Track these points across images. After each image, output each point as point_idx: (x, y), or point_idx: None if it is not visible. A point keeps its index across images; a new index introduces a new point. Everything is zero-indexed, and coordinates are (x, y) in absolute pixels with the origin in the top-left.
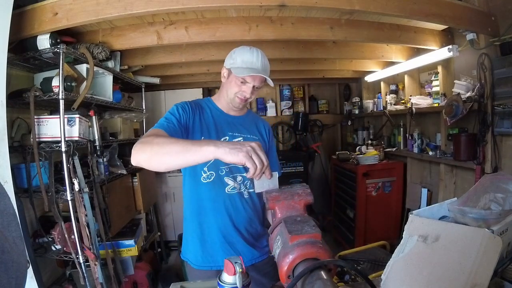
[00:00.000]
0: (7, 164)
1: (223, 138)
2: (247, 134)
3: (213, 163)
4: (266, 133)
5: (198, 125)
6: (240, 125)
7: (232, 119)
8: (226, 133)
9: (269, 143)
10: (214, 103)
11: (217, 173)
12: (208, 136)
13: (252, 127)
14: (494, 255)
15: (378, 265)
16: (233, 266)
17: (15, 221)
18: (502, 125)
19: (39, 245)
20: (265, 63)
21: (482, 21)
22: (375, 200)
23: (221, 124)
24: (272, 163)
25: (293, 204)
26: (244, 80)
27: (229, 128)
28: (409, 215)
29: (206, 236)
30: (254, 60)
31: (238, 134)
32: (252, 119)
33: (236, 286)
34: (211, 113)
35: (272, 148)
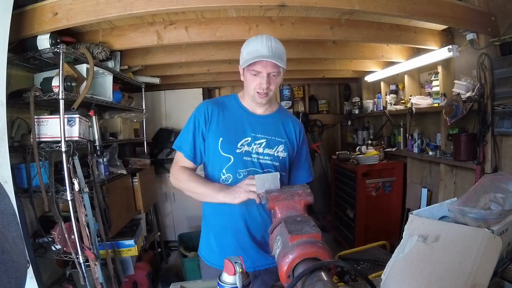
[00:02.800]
0: (7, 164)
1: (244, 139)
2: (271, 136)
3: (232, 165)
4: (296, 135)
5: (214, 129)
6: (265, 126)
7: (257, 119)
8: (247, 134)
9: (298, 145)
10: (240, 101)
11: (235, 176)
12: (227, 137)
13: (279, 128)
14: (494, 255)
15: (378, 265)
16: (233, 266)
17: (15, 221)
18: (502, 125)
19: (39, 245)
20: (273, 45)
21: (482, 21)
22: (375, 200)
23: (243, 124)
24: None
25: (293, 204)
26: (255, 70)
27: (252, 129)
28: (409, 215)
29: (222, 237)
30: (259, 47)
31: (262, 136)
32: (280, 119)
33: (236, 286)
34: (234, 113)
35: (302, 150)
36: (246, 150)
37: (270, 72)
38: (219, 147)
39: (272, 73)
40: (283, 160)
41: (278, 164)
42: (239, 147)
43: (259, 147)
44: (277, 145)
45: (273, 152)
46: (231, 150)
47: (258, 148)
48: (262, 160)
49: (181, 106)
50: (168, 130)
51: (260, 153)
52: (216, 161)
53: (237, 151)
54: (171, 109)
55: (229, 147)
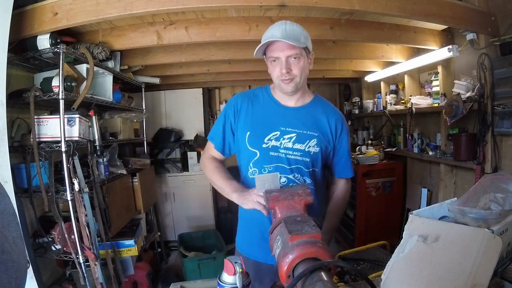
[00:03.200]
0: (7, 164)
1: (273, 133)
2: (303, 130)
3: (257, 160)
4: (333, 129)
5: (243, 122)
6: (296, 119)
7: (288, 112)
8: (277, 128)
9: (335, 139)
10: (271, 92)
11: (260, 171)
12: (254, 130)
13: (311, 120)
14: (494, 255)
15: (378, 265)
16: (233, 266)
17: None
18: (502, 125)
19: (39, 245)
20: (287, 28)
21: (482, 21)
22: (375, 200)
23: (273, 117)
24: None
25: (293, 204)
26: (272, 57)
27: (282, 122)
28: (409, 215)
29: (249, 229)
30: (273, 32)
31: (291, 130)
32: (314, 111)
33: (236, 286)
34: (264, 105)
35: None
36: (273, 145)
37: (289, 56)
38: (246, 141)
39: (292, 56)
40: (315, 155)
41: (308, 160)
42: (266, 141)
43: (288, 142)
44: (309, 140)
45: (303, 147)
46: (258, 145)
47: (287, 143)
48: (290, 156)
49: (181, 106)
50: (168, 130)
51: (289, 148)
52: (244, 154)
53: (263, 146)
54: (171, 109)
55: (256, 142)
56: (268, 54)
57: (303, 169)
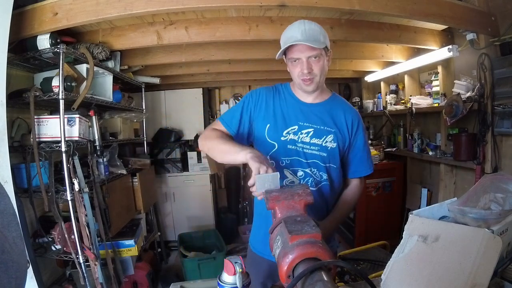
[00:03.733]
0: (7, 164)
1: (291, 127)
2: (320, 125)
3: (275, 152)
4: (349, 125)
5: (264, 114)
6: (314, 115)
7: (306, 107)
8: (295, 122)
9: (352, 136)
10: (291, 89)
11: (278, 164)
12: (274, 123)
13: (330, 117)
14: (494, 255)
15: (378, 265)
16: (233, 266)
17: (15, 221)
18: (502, 125)
19: (39, 245)
20: (306, 28)
21: (482, 21)
22: (375, 200)
23: (292, 112)
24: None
25: (293, 204)
26: (293, 58)
27: (300, 118)
28: (409, 215)
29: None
30: (293, 33)
31: (309, 125)
32: (331, 107)
33: (236, 286)
34: (284, 100)
35: (357, 141)
36: (291, 139)
37: (309, 56)
38: (266, 133)
39: (312, 56)
40: (332, 151)
41: (325, 155)
42: (284, 134)
43: (305, 137)
44: (326, 135)
45: (320, 142)
46: (276, 137)
47: (305, 138)
48: (307, 150)
49: (181, 106)
50: (168, 130)
51: (306, 143)
52: (263, 146)
53: (282, 138)
54: (171, 109)
55: (275, 134)
56: (289, 55)
57: (319, 163)
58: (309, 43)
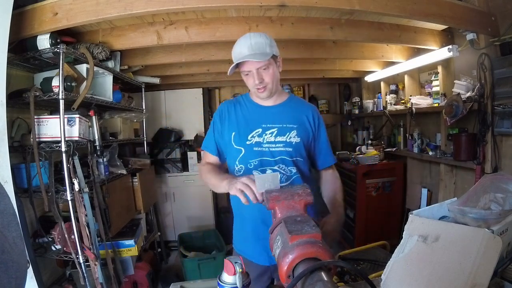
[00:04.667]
0: (7, 164)
1: (255, 130)
2: (282, 124)
3: (243, 157)
4: (310, 120)
5: (228, 125)
6: (276, 115)
7: (267, 110)
8: (258, 125)
9: (314, 129)
10: (250, 97)
11: (246, 167)
12: (238, 130)
13: (290, 115)
14: (494, 255)
15: (378, 265)
16: (233, 266)
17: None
18: (502, 125)
19: (39, 245)
20: (253, 42)
21: (482, 21)
22: (375, 200)
23: (254, 116)
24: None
25: (293, 204)
26: (245, 71)
27: (263, 120)
28: (409, 215)
29: (245, 228)
30: (241, 49)
31: (271, 125)
32: (291, 106)
33: (236, 286)
34: (246, 108)
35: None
36: (256, 141)
37: (258, 68)
38: (232, 141)
39: (261, 67)
40: (297, 145)
41: (291, 150)
42: (249, 139)
43: (270, 136)
44: (289, 132)
45: (285, 139)
46: (242, 143)
47: (270, 138)
48: (273, 148)
49: (181, 106)
50: (168, 130)
51: (271, 142)
52: (231, 153)
53: (247, 143)
54: (171, 109)
55: (240, 140)
56: (241, 69)
57: (286, 159)
58: (254, 58)
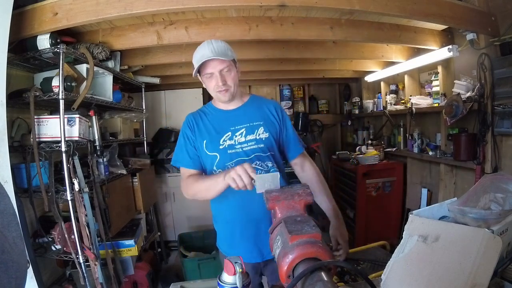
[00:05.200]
0: (7, 164)
1: (225, 134)
2: (248, 123)
3: (219, 161)
4: (274, 114)
5: (199, 135)
6: (241, 116)
7: (231, 113)
8: (227, 129)
9: (280, 122)
10: (213, 105)
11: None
12: (209, 137)
13: (254, 113)
14: (494, 255)
15: (378, 265)
16: (233, 266)
17: (15, 221)
18: (502, 125)
19: (39, 245)
20: (214, 46)
21: (482, 21)
22: (375, 200)
23: (221, 122)
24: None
25: (293, 204)
26: (207, 73)
27: (229, 123)
28: (409, 215)
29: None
30: (203, 52)
31: (240, 126)
32: (254, 105)
33: (236, 286)
34: (211, 116)
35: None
36: (229, 144)
37: (221, 69)
38: (205, 149)
39: (223, 69)
40: (267, 140)
41: (263, 146)
42: (221, 143)
43: (241, 137)
44: (257, 129)
45: (255, 136)
46: (215, 148)
47: (240, 138)
48: (246, 148)
49: (181, 106)
50: (168, 130)
51: (242, 142)
52: (207, 161)
53: (220, 147)
54: (171, 109)
55: (213, 146)
56: (203, 72)
57: (261, 155)
58: (218, 57)
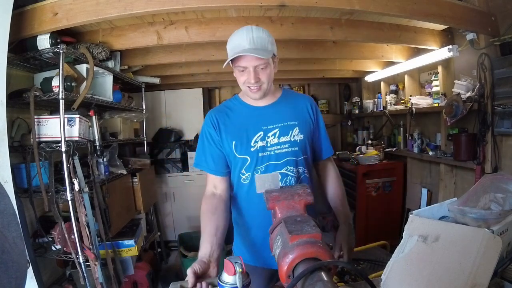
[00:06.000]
0: (7, 164)
1: (257, 134)
2: (282, 122)
3: (249, 165)
4: (310, 111)
5: (225, 135)
6: (274, 114)
7: (263, 111)
8: (259, 128)
9: (314, 122)
10: (241, 99)
11: (252, 174)
12: (239, 138)
13: (288, 111)
14: (494, 255)
15: (378, 265)
16: (233, 266)
17: (15, 221)
18: (502, 125)
19: (39, 245)
20: (254, 36)
21: (482, 21)
22: (375, 200)
23: (251, 120)
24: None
25: (293, 204)
26: (241, 66)
27: (262, 122)
28: (409, 215)
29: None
30: (240, 41)
31: (273, 126)
32: (287, 102)
33: (236, 286)
34: (239, 112)
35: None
36: (261, 146)
37: (256, 65)
38: (234, 151)
39: (259, 66)
40: (302, 142)
41: (297, 149)
42: (252, 145)
43: (273, 138)
44: (291, 129)
45: (289, 138)
46: (246, 151)
47: (273, 139)
48: (279, 151)
49: (181, 106)
50: (168, 130)
51: (275, 144)
52: (235, 164)
53: (251, 149)
54: (171, 109)
55: (243, 148)
56: (236, 63)
57: (293, 159)
58: (257, 54)
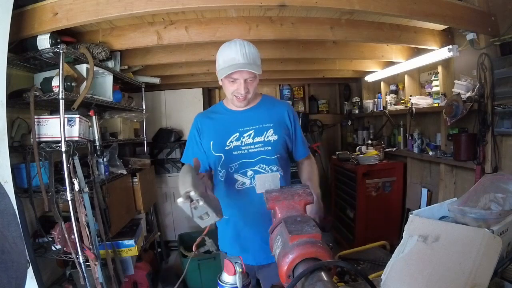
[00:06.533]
0: (7, 164)
1: (233, 135)
2: (258, 125)
3: (224, 162)
4: (286, 117)
5: (206, 136)
6: (251, 118)
7: (241, 114)
8: (236, 130)
9: (292, 126)
10: (224, 105)
11: (227, 171)
12: (216, 138)
13: (265, 115)
14: (494, 255)
15: (378, 265)
16: (233, 266)
17: (15, 221)
18: (502, 125)
19: (39, 245)
20: (247, 51)
21: (482, 21)
22: (375, 200)
23: (230, 123)
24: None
25: (293, 204)
26: (232, 78)
27: (239, 124)
28: (409, 215)
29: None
30: (233, 55)
31: (249, 128)
32: (265, 106)
33: (236, 286)
34: (221, 116)
35: (296, 131)
36: (235, 145)
37: (247, 78)
38: (211, 149)
39: (249, 78)
40: (275, 143)
41: (270, 148)
42: (227, 144)
43: (248, 138)
44: (266, 131)
45: (263, 139)
46: (221, 149)
47: (248, 140)
48: (252, 150)
49: (181, 106)
50: (168, 130)
51: (250, 144)
52: (213, 161)
53: (226, 148)
54: (171, 109)
55: (219, 147)
56: (229, 75)
57: (267, 158)
58: (251, 69)
